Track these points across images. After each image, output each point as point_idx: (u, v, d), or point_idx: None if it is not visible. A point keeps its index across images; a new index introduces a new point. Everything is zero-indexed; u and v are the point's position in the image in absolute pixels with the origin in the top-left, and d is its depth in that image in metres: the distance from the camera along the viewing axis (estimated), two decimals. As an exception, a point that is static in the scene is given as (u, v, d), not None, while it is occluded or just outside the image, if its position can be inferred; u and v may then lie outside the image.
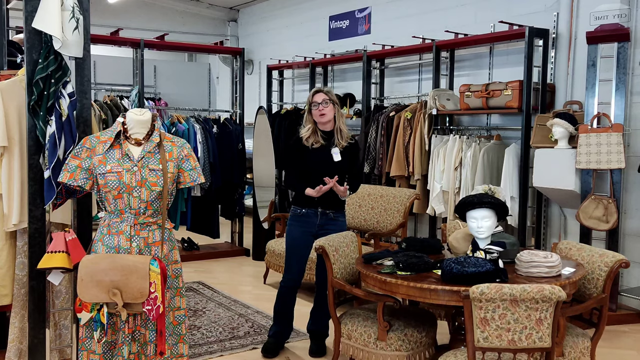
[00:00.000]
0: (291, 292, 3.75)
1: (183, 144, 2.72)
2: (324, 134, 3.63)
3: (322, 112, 3.56)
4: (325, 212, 3.62)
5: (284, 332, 3.80)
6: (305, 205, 3.63)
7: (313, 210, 3.62)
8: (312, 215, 3.62)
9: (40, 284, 2.82)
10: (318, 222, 3.62)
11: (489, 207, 2.99)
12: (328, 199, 3.57)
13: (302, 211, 3.65)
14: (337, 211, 3.66)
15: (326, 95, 3.58)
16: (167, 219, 2.65)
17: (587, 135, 4.42)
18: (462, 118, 5.86)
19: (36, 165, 2.76)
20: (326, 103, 3.56)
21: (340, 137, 3.62)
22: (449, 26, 5.75)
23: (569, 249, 3.24)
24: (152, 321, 2.53)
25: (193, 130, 6.08)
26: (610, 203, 4.40)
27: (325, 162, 3.57)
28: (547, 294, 2.29)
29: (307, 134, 3.61)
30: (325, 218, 3.62)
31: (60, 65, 2.71)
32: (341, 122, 3.64)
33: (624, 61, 4.45)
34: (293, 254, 3.70)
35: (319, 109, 3.56)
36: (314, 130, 3.62)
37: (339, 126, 3.63)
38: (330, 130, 3.63)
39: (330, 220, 3.63)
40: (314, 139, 3.60)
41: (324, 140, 3.61)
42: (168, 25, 8.66)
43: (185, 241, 6.64)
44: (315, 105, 3.57)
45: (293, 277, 3.72)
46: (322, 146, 3.60)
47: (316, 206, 3.60)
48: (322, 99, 3.56)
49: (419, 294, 2.73)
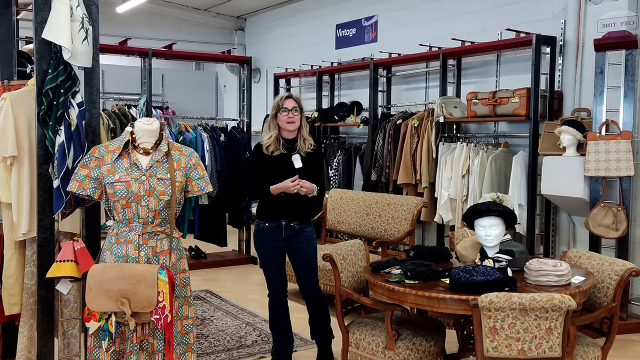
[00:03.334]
0: (280, 303, 3.64)
1: (191, 153, 2.73)
2: (286, 141, 3.50)
3: (292, 120, 3.43)
4: (290, 225, 3.48)
5: (286, 346, 3.68)
6: (269, 219, 3.50)
7: (277, 223, 3.48)
8: (276, 229, 3.49)
9: (49, 293, 2.83)
10: (283, 236, 3.49)
11: (497, 216, 2.98)
12: (291, 210, 3.46)
13: (265, 225, 3.52)
14: (302, 222, 3.52)
15: (296, 103, 3.46)
16: (175, 228, 2.65)
17: (596, 142, 4.40)
18: (470, 126, 5.84)
19: (45, 174, 2.78)
20: (296, 110, 3.44)
21: (303, 144, 3.50)
22: (456, 34, 5.76)
23: (578, 257, 3.22)
24: (160, 330, 2.53)
25: (200, 138, 6.11)
26: (619, 211, 4.37)
27: (286, 169, 3.43)
28: (557, 303, 2.28)
29: (269, 142, 3.48)
30: (291, 230, 3.49)
31: (70, 75, 2.74)
32: (305, 131, 3.52)
33: (632, 68, 4.44)
34: (269, 269, 3.61)
35: (289, 115, 3.42)
36: (276, 138, 3.49)
37: (302, 134, 3.51)
38: (292, 138, 3.51)
39: (296, 233, 3.50)
40: (274, 147, 3.48)
41: (285, 148, 3.49)
42: (176, 35, 8.72)
43: (192, 249, 6.65)
44: (285, 110, 3.42)
45: (276, 289, 3.62)
46: (283, 154, 3.48)
47: (279, 219, 3.47)
48: (292, 106, 3.43)
49: (427, 302, 2.71)
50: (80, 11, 2.70)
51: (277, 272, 3.61)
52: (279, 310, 3.65)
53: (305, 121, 3.55)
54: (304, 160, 3.49)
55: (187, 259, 4.81)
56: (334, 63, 7.34)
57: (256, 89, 8.70)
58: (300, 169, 3.46)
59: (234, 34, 9.77)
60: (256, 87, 8.92)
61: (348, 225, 5.30)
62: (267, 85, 8.96)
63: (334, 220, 5.49)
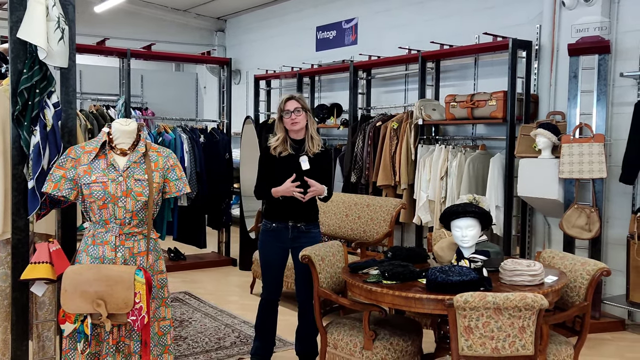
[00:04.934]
0: (272, 305, 3.63)
1: (169, 154, 2.72)
2: (294, 142, 3.49)
3: (295, 121, 3.41)
4: (297, 226, 3.48)
5: (267, 348, 3.66)
6: (276, 219, 3.50)
7: (284, 224, 3.48)
8: (283, 230, 3.48)
9: (24, 295, 2.80)
10: (290, 236, 3.48)
11: (473, 217, 3.02)
12: (298, 212, 3.45)
13: (272, 225, 3.51)
14: (309, 223, 3.53)
15: (298, 103, 3.43)
16: (153, 229, 2.65)
17: (570, 145, 4.48)
18: (448, 128, 5.91)
19: (20, 175, 2.75)
20: (298, 111, 3.41)
21: (312, 144, 3.47)
22: (435, 37, 5.82)
23: (552, 258, 3.28)
24: (137, 332, 2.52)
25: (180, 140, 6.08)
26: (592, 212, 4.46)
27: (293, 171, 3.39)
28: (529, 302, 2.32)
29: (276, 144, 3.47)
30: (297, 231, 3.48)
31: (45, 75, 2.71)
32: (313, 130, 3.50)
33: (605, 73, 4.53)
34: (269, 270, 3.59)
35: (291, 117, 3.41)
36: (284, 140, 3.47)
37: (310, 134, 3.49)
38: (301, 139, 3.50)
39: (303, 234, 3.49)
40: (282, 148, 3.46)
41: (293, 149, 3.47)
42: (155, 35, 8.66)
43: (171, 251, 6.61)
44: (287, 113, 3.42)
45: (271, 292, 3.61)
46: (290, 155, 3.45)
47: (287, 220, 3.47)
48: (294, 107, 3.41)
49: (404, 302, 2.74)
50: (57, 11, 2.68)
51: (276, 276, 3.59)
52: (268, 313, 3.63)
53: (312, 120, 3.50)
54: (311, 162, 3.46)
55: (166, 260, 4.77)
56: (314, 65, 7.36)
57: (236, 91, 8.69)
58: (307, 170, 3.43)
59: (214, 35, 9.74)
60: (236, 88, 8.91)
61: (327, 227, 5.32)
62: (247, 86, 8.96)
63: (313, 221, 5.50)
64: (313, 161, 3.47)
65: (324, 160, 3.54)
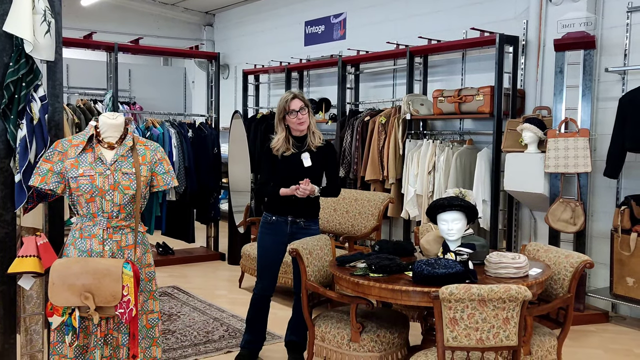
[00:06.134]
0: (265, 300, 3.63)
1: (156, 147, 2.72)
2: (296, 140, 3.49)
3: (302, 121, 3.41)
4: (296, 221, 3.49)
5: (257, 341, 3.68)
6: (276, 213, 3.50)
7: (283, 219, 3.48)
8: (282, 224, 3.49)
9: (11, 289, 2.80)
10: (288, 231, 3.49)
11: (459, 210, 3.05)
12: (298, 207, 3.45)
13: (272, 219, 3.52)
14: (309, 219, 3.53)
15: (302, 101, 3.42)
16: (140, 222, 2.65)
17: (556, 139, 4.53)
18: (436, 123, 5.95)
19: (6, 168, 2.74)
20: (304, 110, 3.41)
21: (313, 139, 3.48)
22: (423, 32, 5.85)
23: (537, 251, 3.32)
24: (124, 324, 2.52)
25: (168, 134, 6.07)
26: (577, 206, 4.52)
27: (295, 169, 3.42)
28: (513, 293, 2.36)
29: (278, 145, 3.46)
30: (296, 227, 3.49)
31: (32, 68, 2.70)
32: (313, 125, 3.50)
33: (590, 68, 4.58)
34: (265, 263, 3.59)
35: (297, 117, 3.39)
36: (286, 139, 3.46)
37: (311, 129, 3.49)
38: (302, 136, 3.50)
39: (302, 229, 3.49)
40: (284, 148, 3.45)
41: (295, 147, 3.47)
42: (143, 29, 8.62)
43: (160, 246, 6.60)
44: (293, 113, 3.39)
45: (266, 286, 3.61)
46: (293, 154, 3.45)
47: (286, 214, 3.48)
48: (299, 106, 3.39)
49: (390, 295, 2.77)
50: (43, 4, 2.67)
51: (271, 269, 3.58)
52: (262, 307, 3.63)
53: (312, 114, 3.50)
54: (314, 157, 3.46)
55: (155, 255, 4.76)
56: (303, 60, 7.37)
57: (225, 85, 8.68)
58: (310, 167, 3.43)
59: (203, 29, 9.70)
60: (225, 83, 8.90)
61: (316, 221, 5.34)
62: (235, 81, 8.94)
63: (302, 216, 5.52)
64: (315, 156, 3.47)
65: (327, 154, 3.53)
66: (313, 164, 3.46)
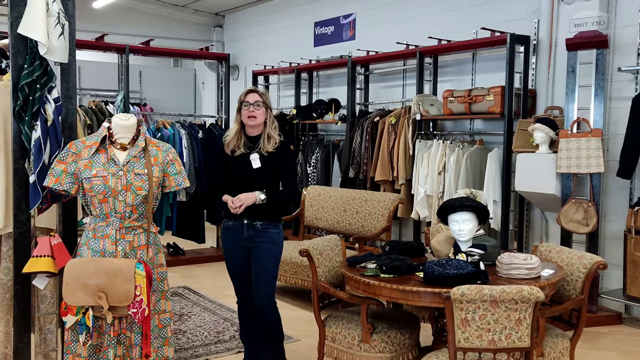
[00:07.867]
0: (247, 310, 3.43)
1: (168, 148, 2.74)
2: (249, 140, 3.29)
3: (252, 114, 3.20)
4: (252, 224, 3.25)
5: (256, 355, 3.46)
6: (232, 217, 3.29)
7: (239, 222, 3.27)
8: (239, 228, 3.28)
9: (25, 288, 2.82)
10: (246, 235, 3.27)
11: (470, 211, 3.04)
12: (253, 210, 3.20)
13: (228, 224, 3.33)
14: (266, 222, 3.27)
15: (260, 97, 3.23)
16: (152, 223, 2.67)
17: (567, 140, 4.51)
18: (446, 123, 5.93)
19: (21, 169, 2.77)
20: (258, 105, 3.21)
21: (267, 143, 3.25)
22: (433, 32, 5.83)
23: (548, 252, 3.30)
24: (137, 324, 2.54)
25: (179, 135, 6.10)
26: (590, 207, 4.49)
27: (244, 170, 3.24)
28: (525, 294, 2.35)
29: (229, 139, 3.30)
30: (253, 230, 3.26)
31: (46, 70, 2.73)
32: (271, 129, 3.28)
33: (603, 67, 4.55)
34: (233, 272, 3.41)
35: (249, 109, 3.20)
36: (238, 134, 3.28)
37: (268, 132, 3.26)
38: (256, 136, 3.29)
39: (259, 233, 3.26)
40: (235, 145, 3.28)
41: (247, 147, 3.28)
42: (153, 31, 8.66)
43: (170, 246, 6.64)
44: (246, 105, 3.22)
45: (241, 294, 3.43)
46: (243, 154, 3.27)
47: (241, 218, 3.24)
48: (254, 100, 3.21)
49: (401, 296, 2.76)
50: (57, 6, 2.70)
51: (241, 275, 3.37)
52: (247, 320, 3.46)
53: (272, 119, 3.30)
54: (265, 159, 3.25)
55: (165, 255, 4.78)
56: (312, 60, 7.37)
57: (234, 86, 8.69)
58: (258, 169, 3.25)
59: (213, 30, 9.74)
60: (234, 84, 8.92)
61: (326, 222, 5.35)
62: (245, 82, 8.96)
63: (312, 216, 5.53)
64: (265, 159, 3.26)
65: (278, 157, 3.29)
66: (263, 166, 3.25)
